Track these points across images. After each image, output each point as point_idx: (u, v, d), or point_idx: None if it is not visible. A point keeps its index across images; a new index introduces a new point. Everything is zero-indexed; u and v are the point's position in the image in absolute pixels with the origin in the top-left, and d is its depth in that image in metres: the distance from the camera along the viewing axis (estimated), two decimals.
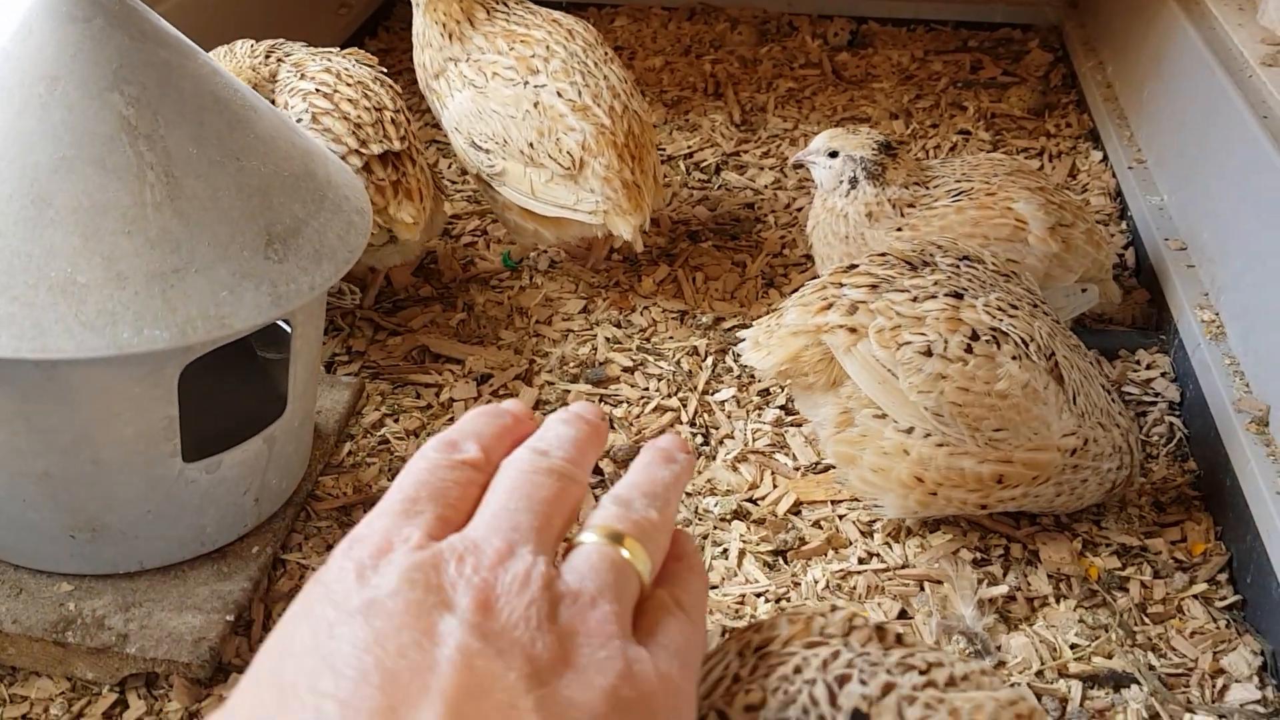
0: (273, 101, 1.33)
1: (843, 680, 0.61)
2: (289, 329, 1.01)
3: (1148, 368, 1.36)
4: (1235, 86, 1.37)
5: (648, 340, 1.41)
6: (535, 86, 1.36)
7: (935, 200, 1.29)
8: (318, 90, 1.31)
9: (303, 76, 1.33)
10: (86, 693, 0.96)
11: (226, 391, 1.14)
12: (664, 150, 1.82)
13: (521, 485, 0.50)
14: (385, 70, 1.40)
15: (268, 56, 1.37)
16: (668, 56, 2.18)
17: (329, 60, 1.36)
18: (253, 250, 0.87)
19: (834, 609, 0.69)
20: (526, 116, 1.35)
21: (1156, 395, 1.32)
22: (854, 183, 1.30)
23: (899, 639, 0.68)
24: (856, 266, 1.09)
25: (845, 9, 2.33)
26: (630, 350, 1.39)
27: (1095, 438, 1.05)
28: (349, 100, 1.30)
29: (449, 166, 1.78)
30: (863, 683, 0.61)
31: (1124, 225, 1.63)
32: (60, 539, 0.96)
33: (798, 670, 0.62)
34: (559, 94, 1.35)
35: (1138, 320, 1.45)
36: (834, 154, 1.31)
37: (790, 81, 2.08)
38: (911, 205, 1.29)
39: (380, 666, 0.42)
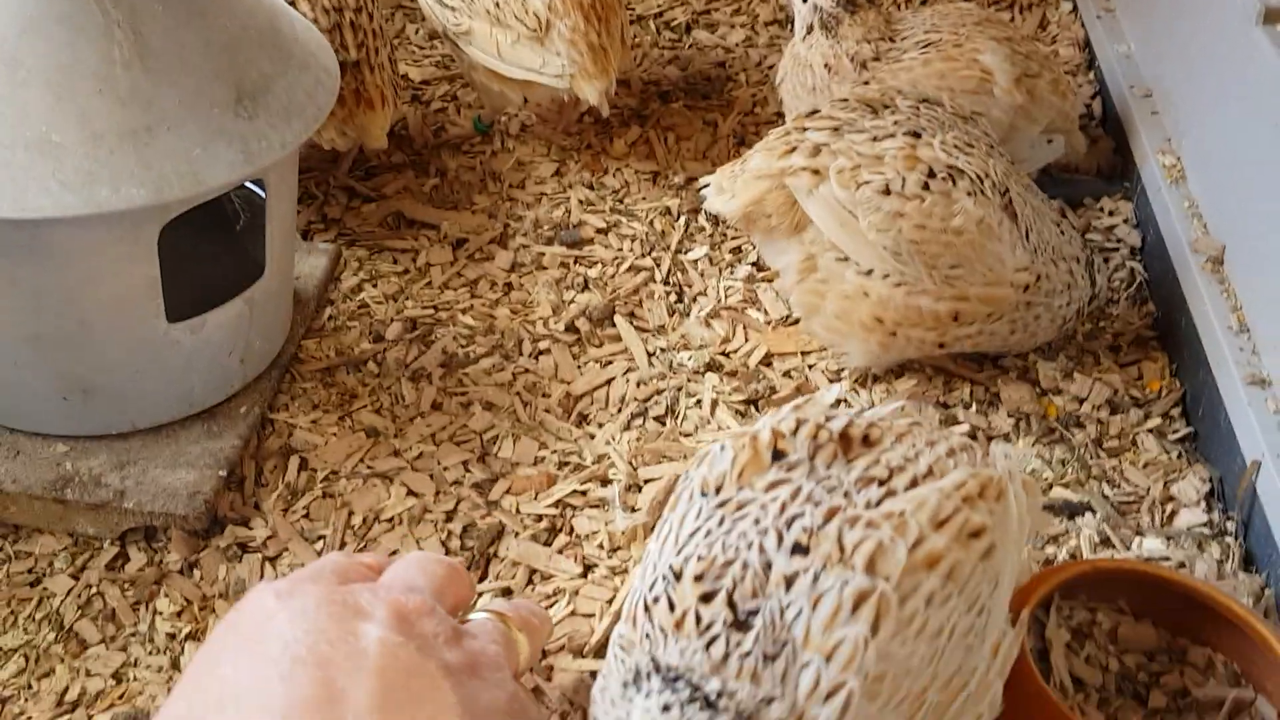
0: None
1: (792, 521, 0.65)
2: (263, 194, 1.02)
3: (1111, 215, 1.39)
4: None
5: (620, 201, 1.43)
6: None
7: (903, 53, 1.30)
8: None
9: None
10: (88, 547, 1.00)
11: (206, 260, 1.16)
12: (633, 10, 1.81)
13: (416, 561, 0.61)
14: None
15: None
16: None
17: None
18: (223, 108, 0.88)
19: (798, 425, 0.72)
20: None
21: (1119, 242, 1.35)
22: (810, 30, 1.31)
23: (866, 440, 0.71)
24: (819, 111, 1.11)
25: None
26: (604, 212, 1.41)
27: (1048, 274, 1.08)
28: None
29: (416, 31, 1.76)
30: (809, 515, 0.64)
31: (1091, 75, 1.63)
32: (53, 401, 0.99)
33: (757, 521, 0.66)
34: None
35: (1103, 169, 1.47)
36: None
37: None
38: (876, 59, 1.30)
39: (313, 652, 0.49)
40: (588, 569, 0.99)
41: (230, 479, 1.04)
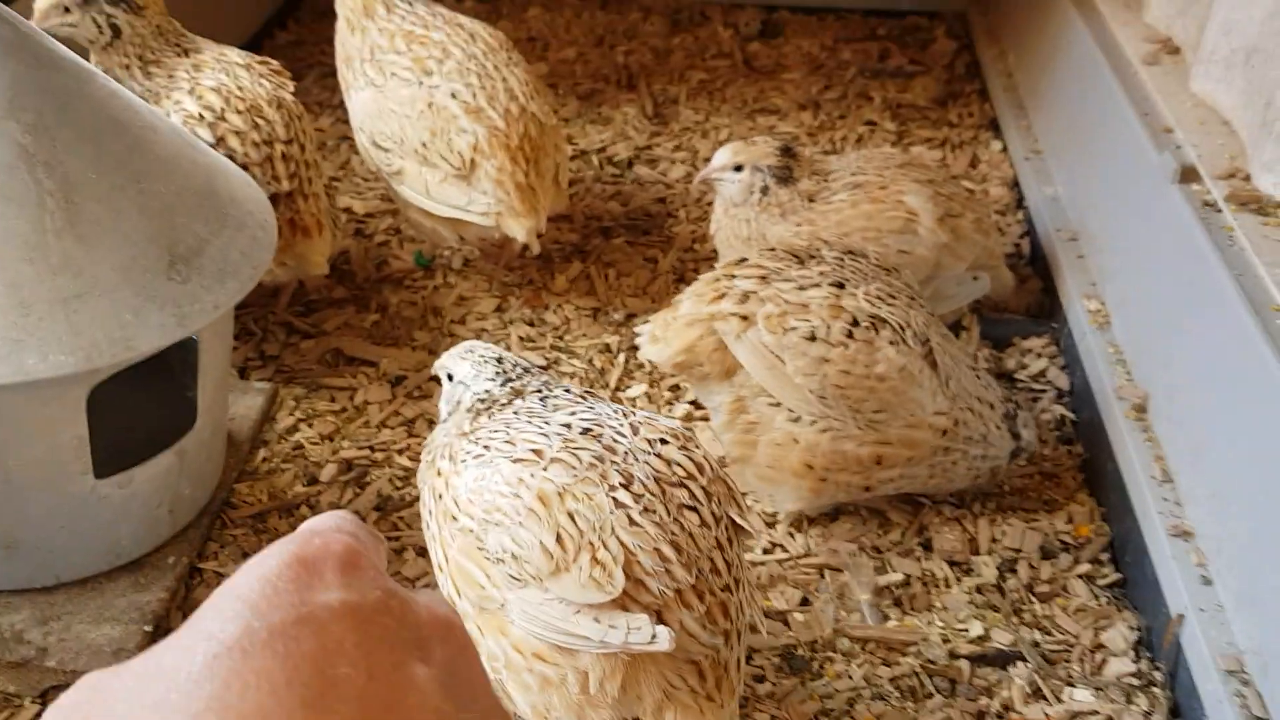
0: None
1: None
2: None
3: (1039, 356, 1.42)
4: (1120, 84, 1.43)
5: (561, 338, 1.44)
6: (429, 87, 1.37)
7: (833, 194, 1.34)
8: (201, 116, 1.25)
9: (192, 91, 1.28)
10: (8, 705, 0.97)
11: (138, 403, 1.15)
12: (576, 145, 1.84)
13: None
14: (290, 78, 1.38)
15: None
16: (581, 47, 2.20)
17: (223, 75, 1.30)
18: (155, 272, 0.88)
19: None
20: (421, 116, 1.36)
21: (1048, 384, 1.38)
22: (765, 190, 1.33)
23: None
24: (746, 260, 1.15)
25: None
26: (544, 349, 1.42)
27: (965, 420, 1.12)
28: (235, 134, 1.26)
29: (360, 164, 1.79)
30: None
31: (1020, 215, 1.69)
32: None
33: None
34: (452, 95, 1.37)
35: (1032, 309, 1.51)
36: (739, 168, 1.34)
37: (702, 72, 2.12)
38: (814, 198, 1.33)
39: (359, 688, 0.40)
40: None
41: (156, 634, 1.02)
